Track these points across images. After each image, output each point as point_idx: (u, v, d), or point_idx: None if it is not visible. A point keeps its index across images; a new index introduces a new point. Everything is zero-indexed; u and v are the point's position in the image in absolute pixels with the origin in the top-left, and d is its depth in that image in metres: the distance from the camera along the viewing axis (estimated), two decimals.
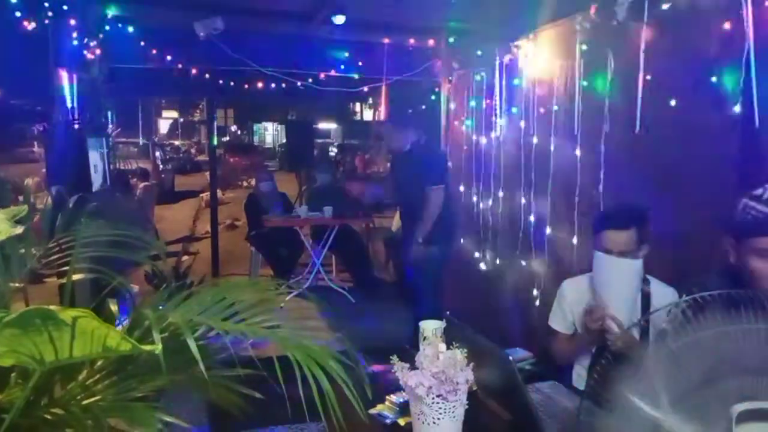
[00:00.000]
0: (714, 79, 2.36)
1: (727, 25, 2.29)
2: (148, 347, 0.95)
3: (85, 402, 1.18)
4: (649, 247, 2.19)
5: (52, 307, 0.86)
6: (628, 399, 1.15)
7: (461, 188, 4.64)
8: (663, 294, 2.17)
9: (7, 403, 1.10)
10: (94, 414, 1.14)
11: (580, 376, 2.39)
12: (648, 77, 2.70)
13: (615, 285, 2.09)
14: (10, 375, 1.19)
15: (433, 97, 5.22)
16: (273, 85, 5.34)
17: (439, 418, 1.58)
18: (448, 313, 2.08)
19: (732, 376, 1.10)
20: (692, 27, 2.51)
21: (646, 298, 2.21)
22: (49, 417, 1.14)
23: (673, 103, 2.59)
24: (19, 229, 1.15)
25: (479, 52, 4.36)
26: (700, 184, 2.48)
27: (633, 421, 1.15)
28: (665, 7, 2.59)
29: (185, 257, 6.78)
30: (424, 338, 2.02)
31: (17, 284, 1.43)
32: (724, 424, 1.06)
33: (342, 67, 5.04)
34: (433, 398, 1.56)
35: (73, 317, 0.86)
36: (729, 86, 2.29)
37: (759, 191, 1.61)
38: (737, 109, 2.26)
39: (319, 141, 22.10)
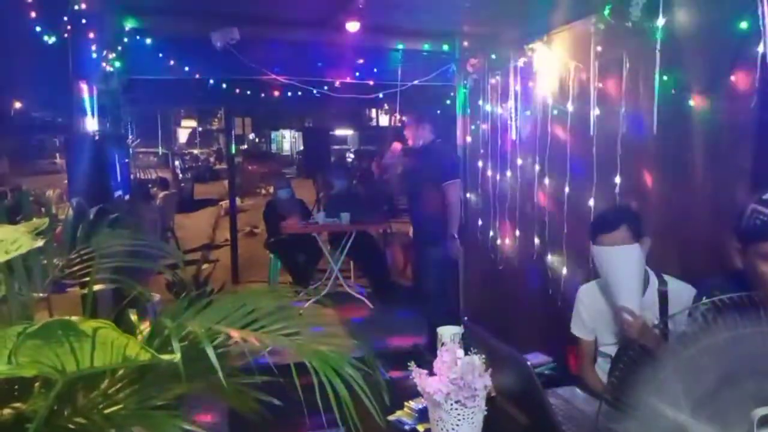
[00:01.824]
0: (731, 78, 2.34)
1: (743, 24, 2.27)
2: (167, 357, 0.97)
3: (107, 411, 1.20)
4: (650, 240, 2.21)
5: (72, 318, 0.88)
6: (650, 403, 1.14)
7: (478, 191, 4.63)
8: (680, 292, 2.17)
9: (31, 413, 1.12)
10: (116, 422, 1.16)
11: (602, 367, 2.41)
12: (665, 77, 2.68)
13: (616, 274, 2.16)
14: (33, 385, 1.21)
15: (448, 102, 5.23)
16: (289, 93, 5.37)
17: (458, 425, 1.58)
18: (466, 318, 2.08)
19: (751, 379, 1.09)
20: (708, 25, 2.49)
21: (663, 298, 2.21)
22: (71, 426, 1.16)
23: (691, 103, 2.57)
24: (40, 242, 1.17)
25: (493, 56, 4.36)
26: (717, 184, 2.45)
27: (655, 425, 1.14)
28: (680, 6, 2.57)
29: (205, 265, 6.83)
30: (442, 344, 2.02)
31: (41, 294, 1.46)
32: (745, 428, 1.05)
33: (357, 73, 5.06)
34: (451, 404, 1.56)
35: (94, 328, 0.88)
36: (745, 85, 2.27)
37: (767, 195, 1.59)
38: (752, 107, 2.24)
39: (336, 147, 22.17)
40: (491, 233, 4.44)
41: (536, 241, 3.80)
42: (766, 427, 1.04)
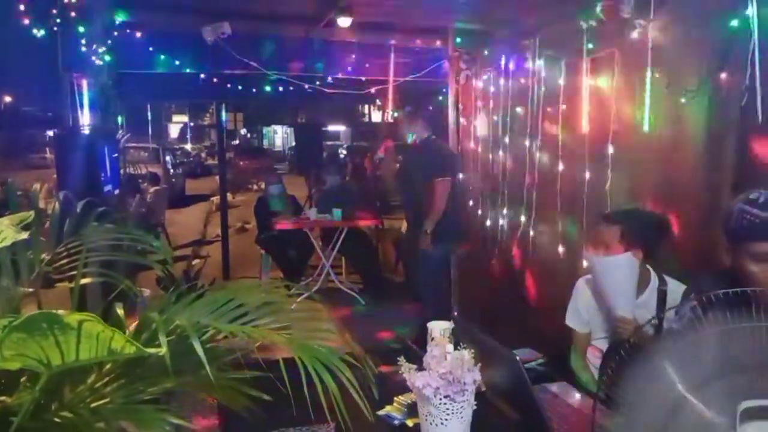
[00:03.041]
0: (721, 75, 2.35)
1: (734, 22, 2.28)
2: (153, 350, 0.96)
3: (94, 405, 1.19)
4: (641, 253, 2.24)
5: (57, 312, 0.87)
6: (660, 373, 1.14)
7: (470, 188, 4.63)
8: (678, 292, 2.19)
9: (17, 407, 1.11)
10: (103, 417, 1.15)
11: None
12: (656, 74, 2.69)
13: (610, 283, 2.22)
14: (20, 379, 1.20)
15: (440, 98, 5.22)
16: (281, 88, 5.36)
17: (446, 419, 1.57)
18: (456, 313, 2.08)
19: (739, 373, 1.10)
20: (699, 23, 2.50)
21: (662, 297, 2.25)
22: (58, 420, 1.15)
23: (682, 100, 2.58)
24: (24, 235, 1.16)
25: (486, 52, 4.36)
26: (706, 182, 2.47)
27: (653, 403, 1.14)
28: (671, 3, 2.58)
29: (196, 261, 6.80)
30: (432, 339, 2.02)
31: (28, 289, 1.44)
32: (730, 421, 1.06)
33: (349, 69, 5.05)
34: (440, 399, 1.56)
35: (79, 321, 0.87)
36: (735, 83, 2.28)
37: (755, 195, 1.59)
38: (741, 105, 2.25)
39: (328, 143, 22.12)
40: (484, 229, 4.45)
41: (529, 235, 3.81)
42: (749, 420, 1.04)
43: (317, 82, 5.22)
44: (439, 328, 2.07)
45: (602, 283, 2.26)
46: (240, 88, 5.89)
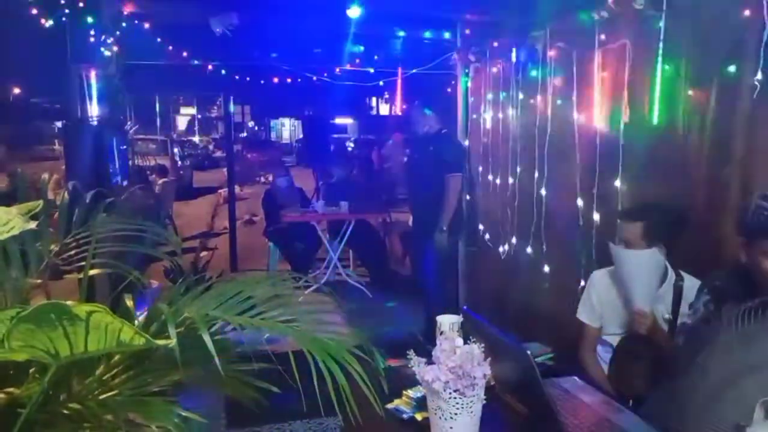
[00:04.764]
0: (733, 68, 2.31)
1: (746, 12, 2.24)
2: (162, 341, 0.95)
3: (102, 397, 1.19)
4: (666, 248, 2.23)
5: (66, 302, 0.86)
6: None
7: (479, 180, 4.61)
8: (693, 289, 2.18)
9: (26, 398, 1.10)
10: (111, 408, 1.14)
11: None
12: (667, 66, 2.66)
13: (635, 277, 2.21)
14: (28, 370, 1.19)
15: (449, 90, 5.19)
16: (289, 80, 5.35)
17: (456, 413, 1.56)
18: (465, 307, 2.08)
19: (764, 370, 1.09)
20: (711, 14, 2.46)
21: (677, 293, 2.24)
22: (66, 411, 1.14)
23: (691, 92, 2.55)
24: (33, 224, 1.15)
25: (495, 44, 4.32)
26: (719, 176, 2.44)
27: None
28: None
29: (203, 253, 6.82)
30: (441, 333, 2.01)
31: (37, 280, 1.44)
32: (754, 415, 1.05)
33: (357, 61, 5.02)
34: (450, 393, 1.55)
35: (87, 312, 0.86)
36: (748, 75, 2.24)
37: None
38: (753, 97, 2.22)
39: (336, 136, 22.07)
40: (492, 225, 4.43)
41: (535, 232, 3.79)
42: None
43: (325, 74, 5.20)
44: (448, 321, 2.06)
45: (625, 276, 2.25)
46: (248, 79, 5.87)
